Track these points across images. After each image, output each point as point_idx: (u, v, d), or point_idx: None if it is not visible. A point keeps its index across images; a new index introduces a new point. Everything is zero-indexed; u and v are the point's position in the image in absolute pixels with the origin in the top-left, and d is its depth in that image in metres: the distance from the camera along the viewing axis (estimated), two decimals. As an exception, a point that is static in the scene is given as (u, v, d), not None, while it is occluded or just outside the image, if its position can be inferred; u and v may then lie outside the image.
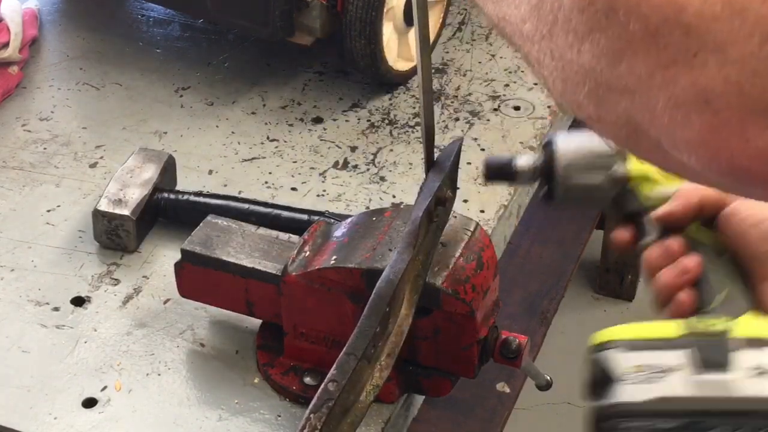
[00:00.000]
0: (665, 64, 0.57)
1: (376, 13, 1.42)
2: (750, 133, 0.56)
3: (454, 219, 1.08)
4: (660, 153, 0.61)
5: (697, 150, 0.58)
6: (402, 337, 0.99)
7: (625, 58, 0.58)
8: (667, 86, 0.57)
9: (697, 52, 0.56)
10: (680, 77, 0.57)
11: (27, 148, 1.41)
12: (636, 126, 0.60)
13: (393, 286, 0.96)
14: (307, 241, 1.10)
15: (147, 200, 1.26)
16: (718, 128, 0.57)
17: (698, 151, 0.58)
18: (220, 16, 1.48)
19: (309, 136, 1.44)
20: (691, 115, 0.57)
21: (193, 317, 1.18)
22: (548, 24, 0.62)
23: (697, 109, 0.57)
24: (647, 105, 0.59)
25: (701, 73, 0.56)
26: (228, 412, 1.09)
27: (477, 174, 1.37)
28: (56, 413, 1.09)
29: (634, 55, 0.58)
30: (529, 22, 0.63)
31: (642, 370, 0.81)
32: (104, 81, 1.52)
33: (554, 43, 0.61)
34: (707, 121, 0.57)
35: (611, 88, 0.60)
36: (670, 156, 0.61)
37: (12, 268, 1.24)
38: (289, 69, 1.55)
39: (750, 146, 0.56)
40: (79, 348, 1.15)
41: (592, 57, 0.60)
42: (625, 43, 0.58)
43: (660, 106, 0.58)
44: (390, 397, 1.09)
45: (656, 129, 0.59)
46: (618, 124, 0.62)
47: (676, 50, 0.56)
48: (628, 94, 0.59)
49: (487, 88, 1.52)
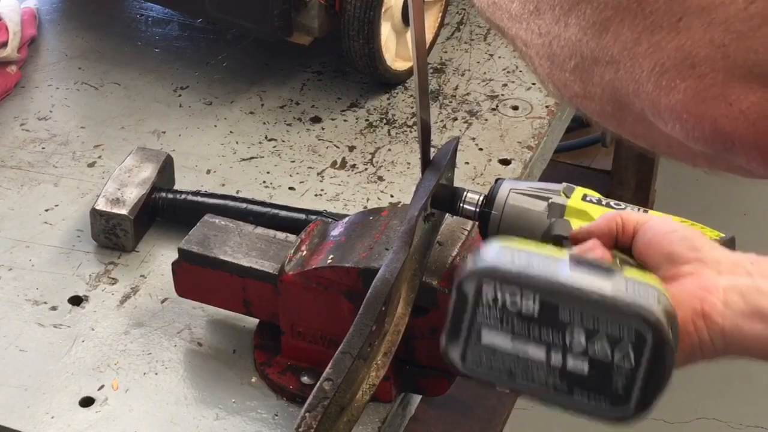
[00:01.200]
0: (650, 30, 0.57)
1: (374, 12, 1.42)
2: (733, 96, 0.56)
3: (451, 218, 1.08)
4: (644, 125, 0.61)
5: (681, 116, 0.58)
6: (398, 336, 0.99)
7: (611, 27, 0.59)
8: (652, 53, 0.57)
9: (682, 16, 0.56)
10: (665, 43, 0.57)
11: (25, 148, 1.41)
12: (621, 99, 0.61)
13: (389, 284, 0.96)
14: (304, 240, 1.10)
15: (145, 200, 1.26)
16: (702, 92, 0.57)
17: (682, 116, 0.58)
18: (219, 16, 1.48)
19: (307, 135, 1.44)
20: (675, 80, 0.57)
21: (191, 316, 1.18)
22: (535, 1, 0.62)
23: (681, 74, 0.57)
24: (632, 74, 0.59)
25: (686, 36, 0.56)
26: (225, 411, 1.09)
27: (475, 174, 1.37)
28: (53, 412, 1.09)
29: (620, 23, 0.58)
30: (517, 1, 0.64)
31: None
32: (103, 80, 1.53)
33: (541, 18, 0.62)
34: (692, 86, 0.57)
35: (597, 60, 0.60)
36: (654, 128, 0.61)
37: (10, 267, 1.24)
38: (288, 69, 1.55)
39: (733, 109, 0.56)
40: (76, 347, 1.15)
41: (579, 29, 0.60)
42: (611, 12, 0.58)
43: (645, 74, 0.58)
44: (387, 397, 1.09)
45: (641, 99, 0.59)
46: (603, 99, 0.62)
47: (661, 15, 0.57)
48: (614, 64, 0.59)
49: (486, 87, 1.52)
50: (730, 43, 0.55)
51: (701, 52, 0.56)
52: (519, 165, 1.39)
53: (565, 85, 0.64)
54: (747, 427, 2.37)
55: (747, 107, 0.56)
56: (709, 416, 2.38)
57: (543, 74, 0.65)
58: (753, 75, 0.55)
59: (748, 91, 0.55)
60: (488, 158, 1.40)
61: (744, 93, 0.56)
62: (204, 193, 1.29)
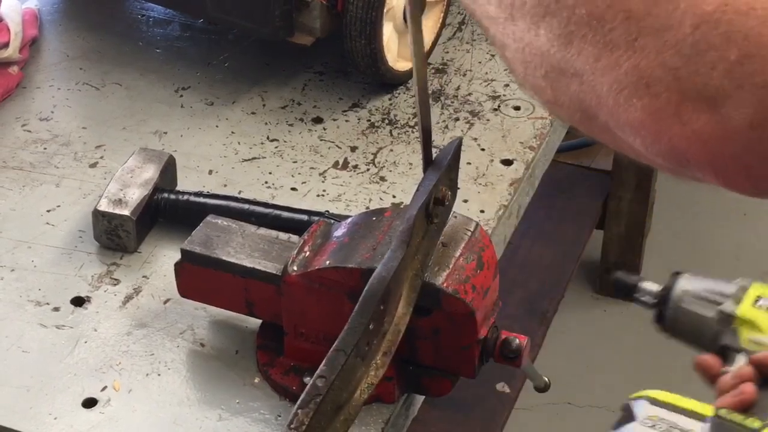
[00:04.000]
0: (609, 47, 0.58)
1: (377, 13, 1.42)
2: (686, 117, 0.57)
3: (454, 219, 1.09)
4: (609, 135, 0.62)
5: (640, 132, 0.60)
6: (399, 336, 0.99)
7: (575, 41, 0.60)
8: (611, 70, 0.58)
9: (638, 36, 0.57)
10: (623, 61, 0.58)
11: (27, 148, 1.41)
12: (586, 109, 0.62)
13: (384, 283, 0.96)
14: (307, 241, 1.10)
15: (147, 200, 1.26)
16: (657, 112, 0.58)
17: (641, 133, 0.60)
18: (220, 16, 1.48)
19: (309, 136, 1.44)
20: (632, 98, 0.58)
21: (193, 317, 1.18)
22: (509, 7, 0.63)
23: (638, 93, 0.58)
24: (594, 88, 0.60)
25: (641, 57, 0.57)
26: (228, 412, 1.09)
27: (477, 174, 1.37)
28: (56, 413, 1.09)
29: (583, 38, 0.59)
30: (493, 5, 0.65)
31: (657, 420, 0.85)
32: (104, 81, 1.52)
33: (516, 25, 0.63)
34: (647, 104, 0.58)
35: (563, 72, 0.61)
36: (618, 138, 0.62)
37: (12, 268, 1.24)
38: (289, 69, 1.55)
39: (686, 129, 0.57)
40: (79, 348, 1.15)
41: (547, 40, 0.61)
42: (574, 27, 0.59)
43: (605, 90, 0.59)
44: (390, 397, 1.09)
45: (603, 112, 0.61)
46: (572, 108, 0.63)
47: (619, 34, 0.58)
48: (577, 77, 0.60)
49: (487, 88, 1.52)
50: (681, 66, 0.56)
51: (655, 73, 0.57)
52: (521, 165, 1.39)
53: (539, 91, 0.65)
54: (747, 427, 2.37)
55: (699, 128, 0.57)
56: (709, 416, 2.38)
57: (519, 77, 0.66)
58: (702, 97, 0.56)
59: (700, 113, 0.57)
60: (490, 158, 1.40)
61: (696, 114, 0.57)
62: (206, 194, 1.29)
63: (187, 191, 1.29)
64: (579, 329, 2.51)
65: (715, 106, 0.56)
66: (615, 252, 2.58)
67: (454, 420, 1.89)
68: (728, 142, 0.56)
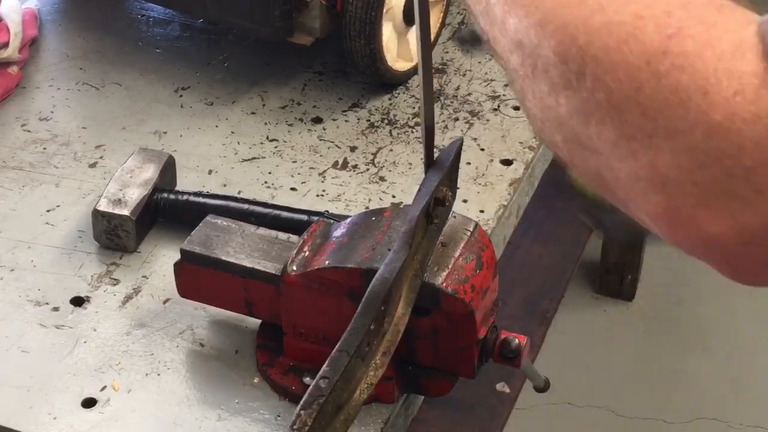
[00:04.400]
0: (627, 137, 0.57)
1: (376, 13, 1.42)
2: (701, 221, 0.57)
3: (454, 219, 1.08)
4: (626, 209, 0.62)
5: (657, 222, 0.59)
6: (398, 336, 0.99)
7: (594, 121, 0.59)
8: (629, 159, 0.58)
9: (653, 135, 0.56)
10: (640, 154, 0.57)
11: (26, 148, 1.41)
12: (605, 183, 0.61)
13: (387, 284, 0.96)
14: (306, 241, 1.10)
15: (147, 200, 1.26)
16: (674, 211, 0.57)
17: (658, 223, 0.59)
18: (220, 16, 1.48)
19: (308, 136, 1.44)
20: (649, 192, 0.58)
21: (193, 317, 1.18)
22: (531, 66, 0.62)
23: (654, 188, 0.57)
24: (612, 170, 0.59)
25: (657, 156, 0.57)
26: (227, 412, 1.09)
27: (476, 174, 1.37)
28: (56, 413, 1.09)
29: (601, 121, 0.58)
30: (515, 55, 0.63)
31: None
32: (104, 81, 1.52)
33: (536, 85, 0.62)
34: (663, 202, 0.58)
35: (583, 145, 0.60)
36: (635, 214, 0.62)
37: (11, 268, 1.24)
38: (289, 69, 1.55)
39: (702, 232, 0.57)
40: (78, 348, 1.15)
41: (567, 111, 0.60)
42: (593, 108, 0.58)
43: (624, 176, 0.59)
44: (389, 398, 1.09)
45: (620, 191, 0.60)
46: (589, 176, 0.63)
47: (636, 128, 0.57)
48: (597, 154, 0.60)
49: (487, 88, 1.52)
50: (697, 171, 0.56)
51: (671, 174, 0.56)
52: (521, 165, 1.39)
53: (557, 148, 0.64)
54: (747, 427, 2.37)
55: (717, 232, 0.57)
56: (708, 416, 2.38)
57: (536, 129, 0.65)
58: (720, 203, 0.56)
59: (716, 218, 0.56)
60: (490, 158, 1.40)
61: (712, 219, 0.57)
62: (206, 194, 1.29)
63: (187, 191, 1.29)
64: (579, 329, 2.51)
65: (732, 212, 0.56)
66: (615, 252, 2.58)
67: (454, 420, 1.89)
68: (748, 247, 0.56)
